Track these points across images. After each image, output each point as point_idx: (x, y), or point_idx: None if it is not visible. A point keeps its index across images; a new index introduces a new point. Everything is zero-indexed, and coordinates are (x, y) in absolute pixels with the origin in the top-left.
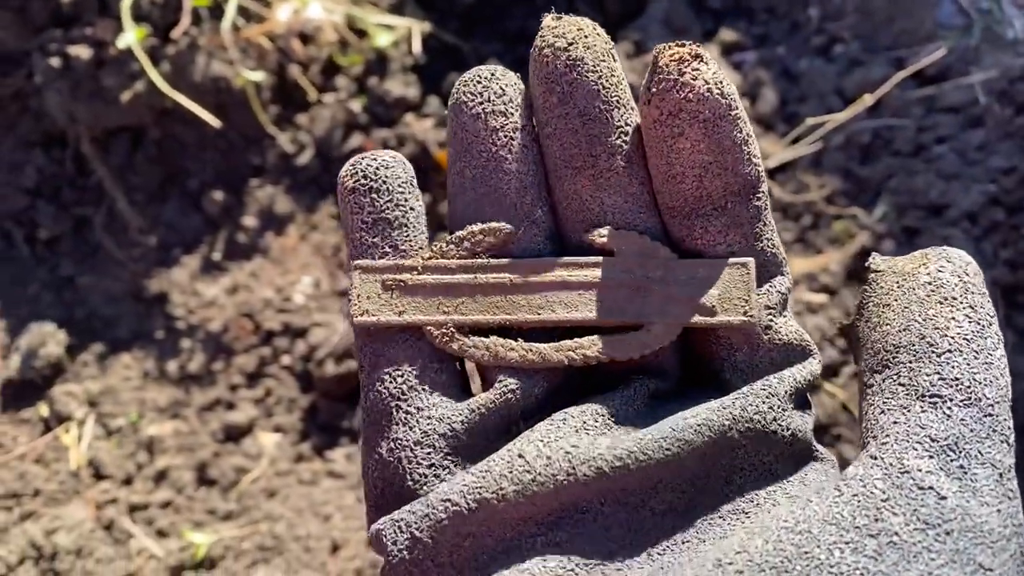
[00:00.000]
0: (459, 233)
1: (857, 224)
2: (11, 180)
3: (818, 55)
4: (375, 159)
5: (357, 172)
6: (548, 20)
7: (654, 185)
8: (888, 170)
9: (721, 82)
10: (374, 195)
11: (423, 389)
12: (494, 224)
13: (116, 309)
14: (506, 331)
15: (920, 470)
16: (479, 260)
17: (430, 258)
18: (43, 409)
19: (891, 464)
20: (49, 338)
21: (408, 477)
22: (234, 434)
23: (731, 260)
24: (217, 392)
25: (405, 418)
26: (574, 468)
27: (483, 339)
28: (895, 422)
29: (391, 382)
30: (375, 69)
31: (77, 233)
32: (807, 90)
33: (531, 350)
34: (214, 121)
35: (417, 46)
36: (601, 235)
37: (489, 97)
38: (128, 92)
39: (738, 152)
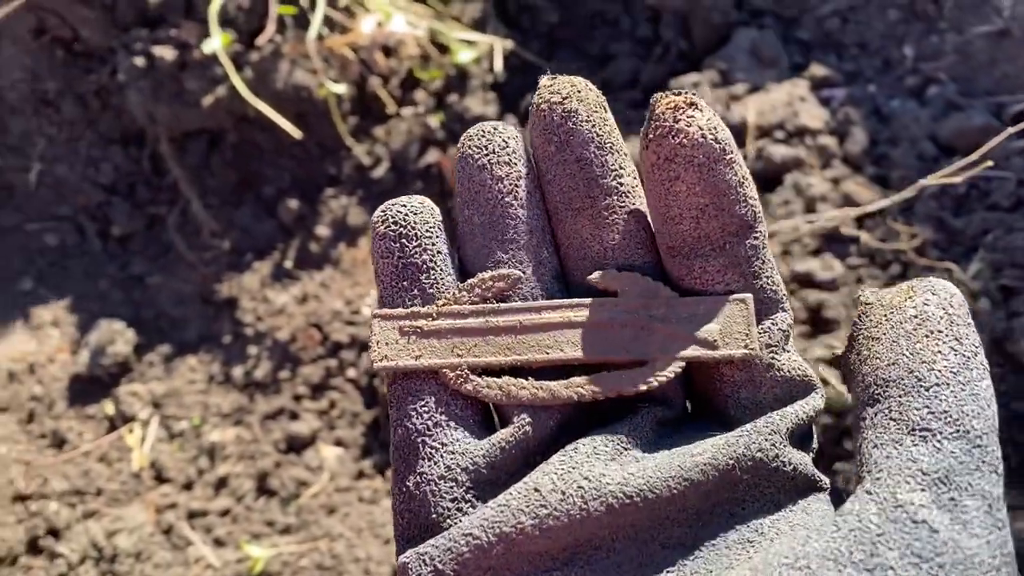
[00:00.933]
0: (471, 280)
1: (951, 279)
2: (88, 175)
3: (911, 96)
4: (404, 206)
5: (388, 219)
6: (544, 80)
7: (654, 227)
8: (984, 224)
9: (715, 128)
10: (403, 240)
11: (447, 426)
12: (503, 271)
13: (184, 311)
14: (518, 370)
15: (913, 504)
16: (490, 305)
17: (444, 305)
18: (108, 407)
19: (885, 498)
20: (118, 336)
21: (433, 510)
22: (296, 445)
23: (731, 296)
24: (281, 401)
25: (430, 453)
26: (586, 503)
27: (496, 379)
28: (888, 456)
29: (417, 419)
30: (455, 85)
31: (149, 232)
32: (899, 132)
33: (542, 388)
34: (295, 132)
35: (499, 64)
36: (604, 277)
37: (493, 149)
38: (210, 96)
39: (733, 194)
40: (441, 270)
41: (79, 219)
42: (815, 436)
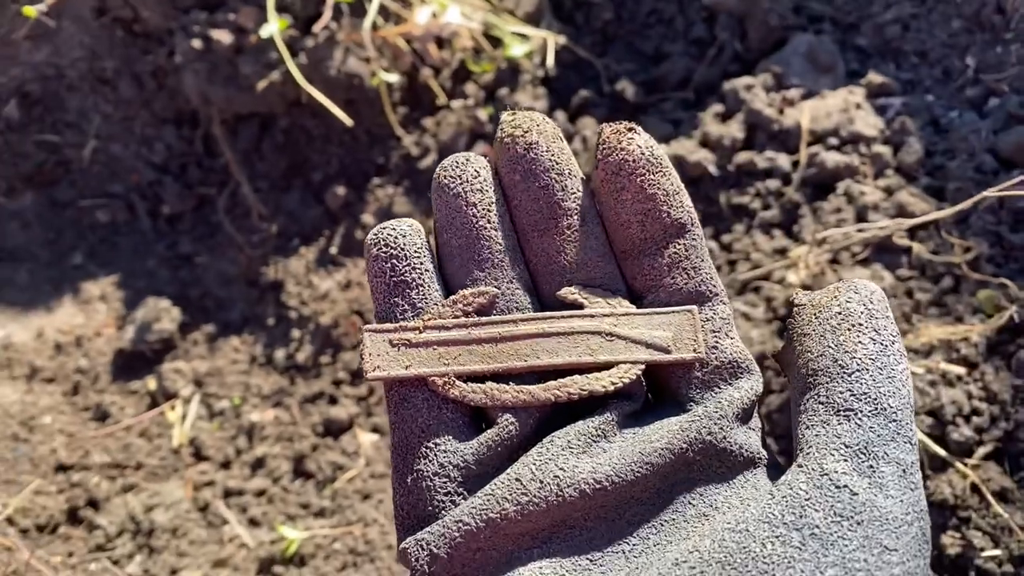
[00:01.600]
0: (453, 297)
1: (1007, 296)
2: (141, 154)
3: (971, 107)
4: (395, 229)
5: (380, 241)
6: (505, 115)
7: (608, 234)
8: None
9: (652, 146)
10: (394, 261)
11: (439, 428)
12: (482, 288)
13: (230, 292)
14: (499, 376)
15: (836, 472)
16: (471, 319)
17: (429, 319)
18: (151, 383)
19: (813, 469)
20: (164, 314)
21: (429, 503)
22: (334, 429)
23: (679, 308)
24: (321, 385)
25: (425, 453)
26: (562, 490)
27: (480, 385)
28: (816, 435)
29: (412, 422)
30: (506, 79)
31: (199, 212)
32: (956, 144)
33: (522, 391)
34: (346, 119)
35: (551, 59)
36: (572, 292)
37: (466, 178)
38: (264, 81)
39: (670, 200)
40: (428, 286)
41: (131, 197)
42: (757, 415)
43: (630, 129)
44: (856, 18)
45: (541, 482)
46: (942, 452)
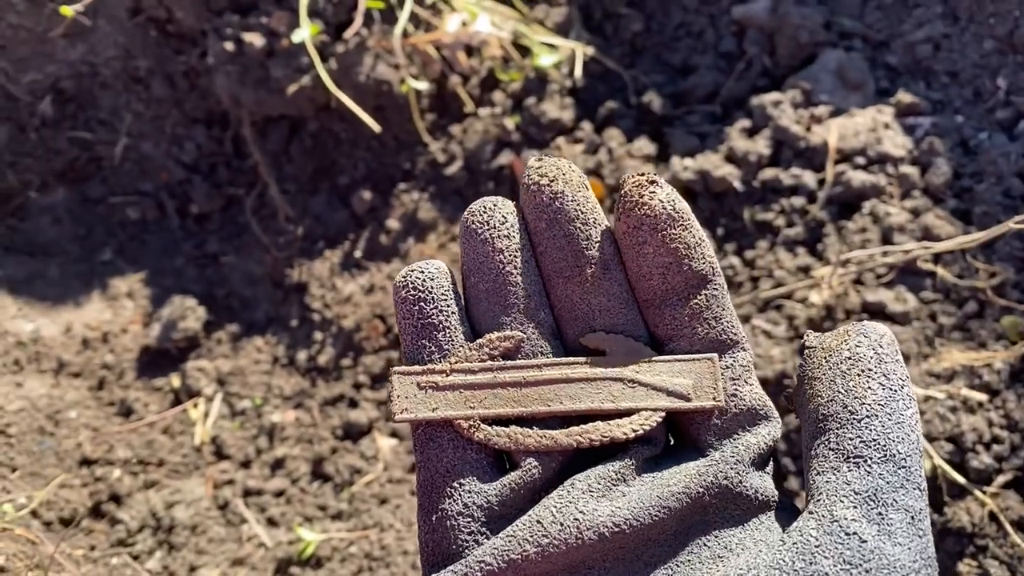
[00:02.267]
0: (479, 340)
1: None
2: (172, 153)
3: (1001, 130)
4: (423, 272)
5: (408, 284)
6: (532, 161)
7: (631, 283)
8: None
9: (673, 200)
10: (422, 303)
11: (464, 469)
12: (508, 332)
13: (255, 292)
14: (523, 420)
15: (846, 519)
16: (497, 362)
17: (456, 362)
18: (175, 381)
19: (823, 516)
20: (189, 312)
21: (453, 542)
22: (353, 432)
23: (700, 356)
24: (342, 388)
25: (450, 493)
26: (581, 533)
27: (504, 428)
28: (827, 481)
29: (438, 463)
30: (533, 88)
31: (226, 212)
32: (985, 167)
33: (545, 435)
34: (374, 125)
35: (579, 69)
36: (594, 339)
37: (494, 224)
38: (294, 84)
39: (692, 253)
40: (455, 329)
41: (160, 195)
42: (773, 459)
43: (652, 182)
44: (887, 36)
45: (561, 524)
46: (961, 479)
